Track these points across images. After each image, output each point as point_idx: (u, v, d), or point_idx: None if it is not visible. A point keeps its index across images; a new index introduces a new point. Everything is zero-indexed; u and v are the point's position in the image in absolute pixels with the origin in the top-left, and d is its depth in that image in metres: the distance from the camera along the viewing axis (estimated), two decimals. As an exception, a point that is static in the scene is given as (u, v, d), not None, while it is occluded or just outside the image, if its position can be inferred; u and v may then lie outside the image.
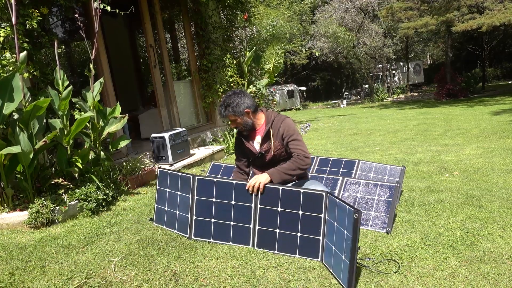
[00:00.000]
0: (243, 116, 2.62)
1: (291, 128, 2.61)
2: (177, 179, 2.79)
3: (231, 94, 2.67)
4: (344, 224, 2.05)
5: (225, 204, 2.56)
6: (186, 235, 2.68)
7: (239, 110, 2.60)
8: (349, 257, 1.95)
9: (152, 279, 2.16)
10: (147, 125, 6.64)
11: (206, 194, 2.63)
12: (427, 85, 27.91)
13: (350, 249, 1.95)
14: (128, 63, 8.97)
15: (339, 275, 2.04)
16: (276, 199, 2.42)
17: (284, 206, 2.40)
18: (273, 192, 2.43)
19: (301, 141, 2.60)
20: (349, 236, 1.97)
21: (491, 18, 13.97)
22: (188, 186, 2.69)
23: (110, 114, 3.89)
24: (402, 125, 9.40)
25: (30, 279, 2.21)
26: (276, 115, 2.70)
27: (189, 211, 2.67)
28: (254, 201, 2.48)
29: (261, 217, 2.45)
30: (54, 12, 7.23)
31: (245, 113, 2.61)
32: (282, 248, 2.38)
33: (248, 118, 2.64)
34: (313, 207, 2.32)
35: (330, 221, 2.21)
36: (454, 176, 4.13)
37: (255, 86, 6.91)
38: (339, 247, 2.07)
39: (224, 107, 2.63)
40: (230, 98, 2.63)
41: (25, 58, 3.22)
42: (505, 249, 2.30)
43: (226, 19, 7.07)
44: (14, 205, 3.25)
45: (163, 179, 2.93)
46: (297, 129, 2.66)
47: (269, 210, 2.44)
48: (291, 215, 2.38)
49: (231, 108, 2.60)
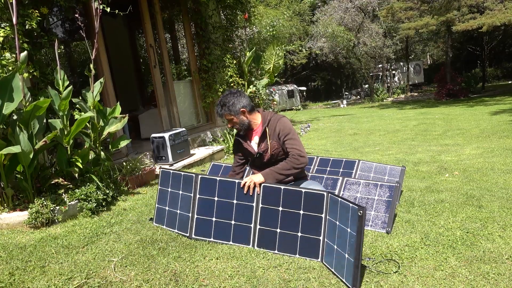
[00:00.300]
0: (239, 115, 2.65)
1: (287, 127, 2.62)
2: (180, 178, 2.80)
3: (227, 93, 2.71)
4: (347, 222, 2.05)
5: (227, 203, 2.57)
6: (186, 234, 2.68)
7: (235, 109, 2.64)
8: (354, 255, 1.95)
9: (152, 279, 2.16)
10: (147, 125, 6.65)
11: (208, 193, 2.64)
12: (427, 85, 27.91)
13: (355, 247, 1.95)
14: (128, 63, 8.97)
15: (342, 274, 2.04)
16: (277, 198, 2.43)
17: (286, 205, 2.40)
18: (274, 192, 2.44)
19: (296, 140, 2.60)
20: (353, 234, 1.98)
21: (491, 18, 13.97)
22: (190, 185, 2.70)
23: (110, 114, 3.90)
24: (402, 125, 9.40)
25: (30, 279, 2.21)
26: (273, 115, 2.71)
27: (190, 210, 2.68)
28: (255, 200, 2.48)
29: (262, 217, 2.46)
30: (54, 12, 7.24)
31: (241, 112, 2.64)
32: (282, 248, 2.39)
33: (245, 117, 2.67)
34: (314, 207, 2.32)
35: (332, 221, 2.21)
36: (454, 176, 4.13)
37: (255, 86, 6.91)
38: (341, 246, 2.07)
39: (221, 106, 2.68)
40: (226, 97, 2.67)
41: (25, 58, 3.22)
42: (505, 249, 2.30)
43: (226, 19, 7.07)
44: (14, 205, 3.25)
45: (165, 179, 2.94)
46: (293, 128, 2.66)
47: (270, 209, 2.45)
48: (292, 215, 2.38)
49: (227, 107, 2.64)
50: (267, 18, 12.64)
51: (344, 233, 2.06)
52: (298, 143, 2.60)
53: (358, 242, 1.94)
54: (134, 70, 9.24)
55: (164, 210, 2.92)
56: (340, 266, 2.07)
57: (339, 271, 2.07)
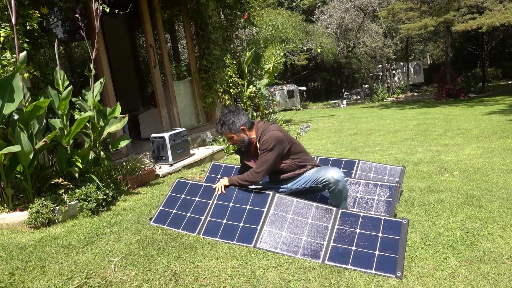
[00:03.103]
0: (239, 133, 2.74)
1: (267, 142, 2.67)
2: (199, 188, 3.01)
3: (226, 112, 2.79)
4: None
5: (240, 208, 2.73)
6: (193, 233, 2.74)
7: (235, 128, 2.72)
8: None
9: (152, 279, 2.16)
10: (147, 125, 6.64)
11: (225, 199, 2.82)
12: (427, 85, 27.90)
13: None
14: (128, 63, 8.97)
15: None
16: (289, 208, 2.62)
17: (295, 214, 2.57)
18: (286, 202, 2.66)
19: (265, 157, 2.67)
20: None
21: (491, 19, 13.95)
22: (209, 193, 2.91)
23: (110, 114, 3.89)
24: (402, 125, 9.40)
25: (30, 279, 2.21)
26: (264, 128, 2.76)
27: (203, 214, 2.81)
28: (267, 206, 2.65)
29: (271, 219, 2.60)
30: (54, 12, 7.23)
31: (241, 130, 2.73)
32: (285, 249, 2.41)
33: (244, 134, 2.76)
34: (322, 217, 2.50)
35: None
36: (454, 176, 4.13)
37: (255, 86, 6.91)
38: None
39: (220, 125, 2.78)
40: (225, 116, 2.76)
41: (25, 58, 3.22)
42: (505, 249, 2.30)
43: (226, 19, 7.07)
44: (14, 205, 3.25)
45: (180, 188, 3.10)
46: (276, 142, 2.66)
47: (280, 215, 2.61)
48: (301, 221, 2.53)
49: (227, 126, 2.73)
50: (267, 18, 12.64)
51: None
52: (264, 161, 2.67)
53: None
54: (134, 70, 9.23)
55: (170, 212, 2.99)
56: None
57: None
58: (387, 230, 2.31)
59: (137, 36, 10.33)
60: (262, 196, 2.72)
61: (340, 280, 2.07)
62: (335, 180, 2.60)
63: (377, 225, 2.35)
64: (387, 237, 2.27)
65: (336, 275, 2.12)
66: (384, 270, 2.11)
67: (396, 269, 2.09)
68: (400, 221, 2.33)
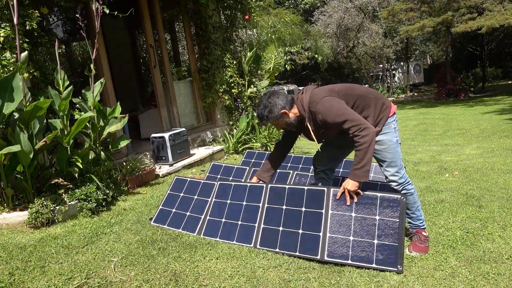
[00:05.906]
0: (282, 117, 2.52)
1: (331, 113, 2.38)
2: (197, 185, 3.04)
3: (261, 102, 2.56)
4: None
5: (237, 205, 2.74)
6: (193, 233, 2.75)
7: (275, 116, 2.50)
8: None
9: (152, 279, 2.16)
10: (147, 125, 6.64)
11: (223, 197, 2.85)
12: (427, 85, 27.90)
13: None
14: (128, 63, 8.97)
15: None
16: (282, 197, 2.62)
17: (289, 204, 2.58)
18: (279, 191, 2.66)
19: (346, 116, 2.37)
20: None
21: (490, 20, 13.91)
22: (208, 191, 2.94)
23: (110, 114, 3.90)
24: (402, 125, 9.40)
25: (30, 279, 2.21)
26: (307, 105, 2.49)
27: (202, 212, 2.84)
28: (262, 201, 2.67)
29: (267, 215, 2.61)
30: (54, 12, 7.23)
31: (282, 114, 2.51)
32: (284, 246, 2.40)
33: (287, 117, 2.53)
34: (315, 202, 2.50)
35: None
36: (454, 176, 4.13)
37: (256, 87, 6.91)
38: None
39: (260, 119, 2.57)
40: (263, 109, 2.53)
41: (26, 58, 3.22)
42: (505, 249, 2.30)
43: (226, 20, 7.07)
44: (14, 205, 3.25)
45: (179, 186, 3.13)
46: (334, 104, 2.37)
47: (275, 208, 2.61)
48: (294, 212, 2.52)
49: (266, 118, 2.52)
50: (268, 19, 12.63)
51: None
52: (351, 120, 2.37)
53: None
54: (134, 70, 9.23)
55: (169, 212, 2.99)
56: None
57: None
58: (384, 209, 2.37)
59: (137, 36, 10.32)
60: (257, 190, 2.75)
61: (340, 280, 2.07)
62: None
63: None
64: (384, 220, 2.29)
65: (336, 275, 2.12)
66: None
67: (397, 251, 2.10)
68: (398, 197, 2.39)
